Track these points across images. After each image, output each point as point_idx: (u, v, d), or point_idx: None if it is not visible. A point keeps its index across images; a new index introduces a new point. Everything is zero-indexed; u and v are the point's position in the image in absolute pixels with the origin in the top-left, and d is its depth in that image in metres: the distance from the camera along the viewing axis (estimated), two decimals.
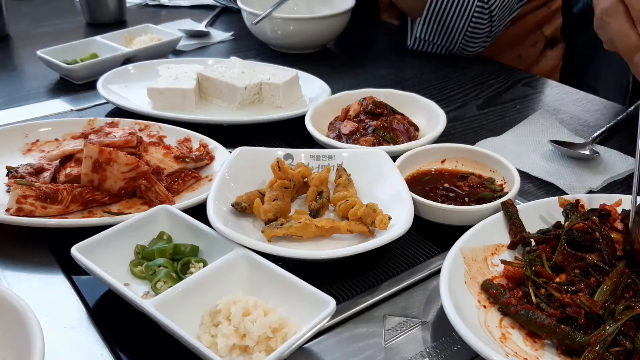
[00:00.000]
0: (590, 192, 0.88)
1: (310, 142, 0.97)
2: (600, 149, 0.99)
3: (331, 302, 0.59)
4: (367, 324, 0.65)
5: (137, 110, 1.06)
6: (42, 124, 0.99)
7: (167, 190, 0.82)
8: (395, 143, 0.93)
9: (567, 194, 0.86)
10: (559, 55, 1.51)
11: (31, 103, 1.16)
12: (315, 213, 0.77)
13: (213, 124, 1.04)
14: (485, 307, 0.64)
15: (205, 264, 0.69)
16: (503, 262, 0.69)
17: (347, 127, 0.96)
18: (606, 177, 0.92)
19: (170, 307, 0.60)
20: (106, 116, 1.08)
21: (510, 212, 0.74)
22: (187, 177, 0.86)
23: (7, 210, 0.77)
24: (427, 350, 0.62)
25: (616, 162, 0.96)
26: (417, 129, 0.99)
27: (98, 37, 1.34)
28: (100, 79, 1.15)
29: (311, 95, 1.16)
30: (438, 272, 0.67)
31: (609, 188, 0.90)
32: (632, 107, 1.12)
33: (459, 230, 0.72)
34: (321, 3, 1.50)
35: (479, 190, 0.84)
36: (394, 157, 0.85)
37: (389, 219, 0.72)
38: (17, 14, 1.63)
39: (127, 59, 1.28)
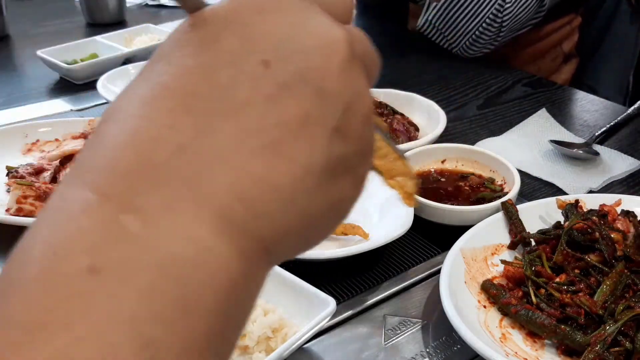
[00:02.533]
0: (590, 192, 0.88)
1: None
2: (600, 149, 0.99)
3: (331, 302, 0.59)
4: (367, 324, 0.65)
5: None
6: (42, 124, 0.99)
7: None
8: (396, 143, 0.93)
9: (567, 194, 0.86)
10: (572, 70, 1.52)
11: (31, 103, 1.15)
12: None
13: None
14: (485, 307, 0.64)
15: None
16: (503, 262, 0.69)
17: None
18: (606, 177, 0.92)
19: None
20: None
21: (510, 212, 0.74)
22: None
23: (7, 210, 0.77)
24: (427, 350, 0.62)
25: (616, 162, 0.96)
26: (417, 129, 0.99)
27: (98, 37, 1.34)
28: (101, 79, 1.14)
29: None
30: (438, 272, 0.67)
31: (609, 188, 0.90)
32: (633, 107, 1.12)
33: (459, 230, 0.72)
34: None
35: (479, 190, 0.84)
36: None
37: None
38: (17, 14, 1.63)
39: (127, 59, 1.28)
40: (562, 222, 0.72)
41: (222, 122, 0.23)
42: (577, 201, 0.75)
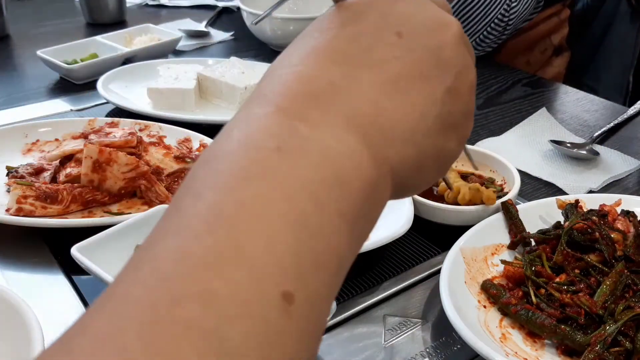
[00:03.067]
0: (590, 192, 0.88)
1: None
2: (600, 149, 0.99)
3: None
4: (367, 324, 0.65)
5: (137, 110, 1.06)
6: (42, 124, 0.99)
7: (167, 190, 0.82)
8: None
9: (567, 194, 0.86)
10: (564, 63, 1.52)
11: (31, 103, 1.15)
12: None
13: (213, 124, 1.04)
14: (485, 307, 0.64)
15: None
16: (503, 262, 0.69)
17: None
18: (606, 177, 0.92)
19: None
20: (106, 116, 1.08)
21: (510, 212, 0.74)
22: None
23: (7, 210, 0.77)
24: (427, 350, 0.62)
25: (616, 162, 0.96)
26: None
27: (98, 37, 1.34)
28: (100, 79, 1.15)
29: None
30: (438, 272, 0.67)
31: (609, 188, 0.90)
32: (633, 107, 1.12)
33: (459, 230, 0.72)
34: (321, 3, 1.50)
35: None
36: None
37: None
38: (17, 14, 1.63)
39: (127, 59, 1.28)
40: (562, 222, 0.72)
41: (362, 71, 0.30)
42: (577, 201, 0.75)
